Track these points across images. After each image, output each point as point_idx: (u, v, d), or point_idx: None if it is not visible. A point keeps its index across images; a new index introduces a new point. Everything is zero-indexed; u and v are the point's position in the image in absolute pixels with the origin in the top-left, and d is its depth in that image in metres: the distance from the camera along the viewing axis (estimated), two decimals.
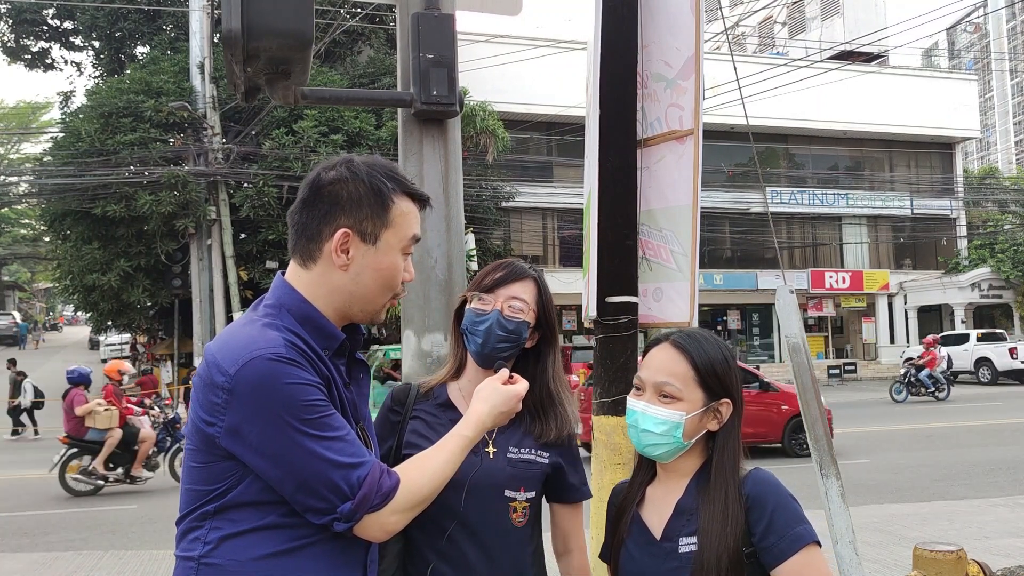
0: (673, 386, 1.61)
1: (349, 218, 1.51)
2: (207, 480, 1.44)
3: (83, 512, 9.40)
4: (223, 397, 1.39)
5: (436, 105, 3.49)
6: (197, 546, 1.44)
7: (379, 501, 1.43)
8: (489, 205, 22.78)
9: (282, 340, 1.43)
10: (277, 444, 1.38)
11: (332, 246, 1.50)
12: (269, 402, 1.37)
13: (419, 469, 1.53)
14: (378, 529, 1.45)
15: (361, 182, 1.52)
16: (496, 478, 1.81)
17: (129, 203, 19.33)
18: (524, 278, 1.89)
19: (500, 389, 1.67)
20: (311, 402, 1.40)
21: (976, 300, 30.76)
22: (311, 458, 1.38)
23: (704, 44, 2.81)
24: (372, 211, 1.52)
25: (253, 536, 1.42)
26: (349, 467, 1.40)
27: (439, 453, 1.56)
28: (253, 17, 2.94)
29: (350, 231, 1.51)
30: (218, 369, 1.40)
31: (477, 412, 1.63)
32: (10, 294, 52.67)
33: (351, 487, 1.40)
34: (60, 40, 27.08)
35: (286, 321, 1.49)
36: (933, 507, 8.24)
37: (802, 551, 1.51)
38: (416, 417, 1.91)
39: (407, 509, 1.48)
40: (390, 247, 1.53)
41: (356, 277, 1.52)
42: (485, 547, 1.78)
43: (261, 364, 1.38)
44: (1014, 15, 58.35)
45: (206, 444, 1.43)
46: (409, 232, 1.56)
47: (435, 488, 1.53)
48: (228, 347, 1.42)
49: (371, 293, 1.54)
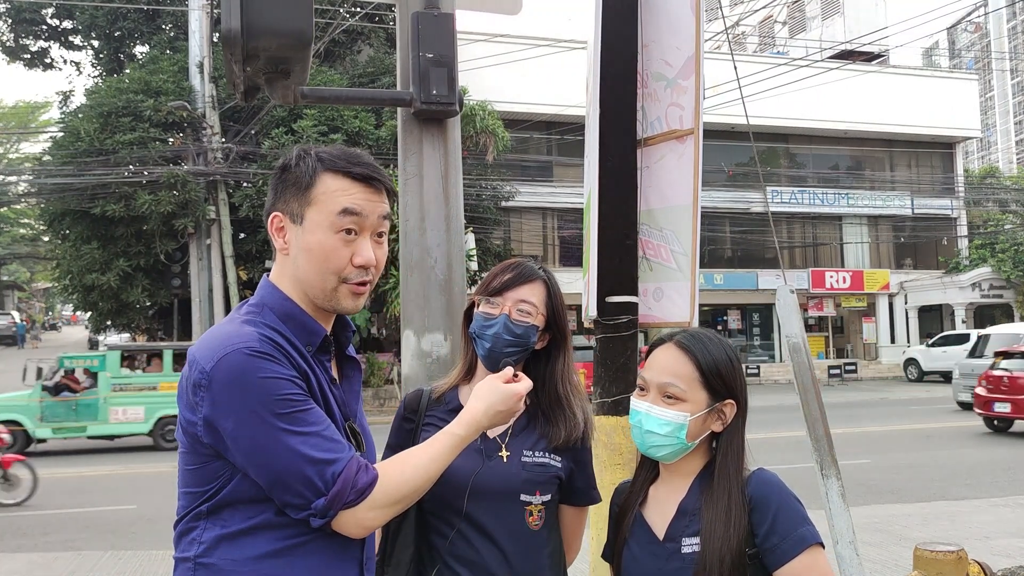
0: (677, 387, 1.60)
1: (280, 202, 1.54)
2: (199, 481, 1.45)
3: (83, 512, 9.40)
4: (200, 394, 1.40)
5: (436, 105, 3.48)
6: (193, 547, 1.44)
7: (354, 497, 1.41)
8: (489, 205, 22.78)
9: (256, 335, 1.43)
10: (251, 437, 1.38)
11: (271, 231, 1.54)
12: (243, 395, 1.38)
13: (401, 465, 1.51)
14: (355, 525, 1.44)
15: (292, 166, 1.54)
16: (511, 482, 1.79)
17: (128, 203, 19.33)
18: (533, 280, 1.88)
19: (498, 388, 1.64)
20: (285, 396, 1.40)
21: (977, 300, 30.75)
22: (285, 452, 1.38)
23: (704, 44, 2.81)
24: (296, 191, 1.52)
25: (248, 536, 1.43)
26: (323, 463, 1.39)
27: (425, 450, 1.55)
28: (253, 17, 2.94)
29: (279, 214, 1.53)
30: (196, 367, 1.41)
31: (472, 410, 1.61)
32: (9, 294, 52.67)
33: (325, 483, 1.39)
34: (59, 39, 27.07)
35: (268, 319, 1.50)
36: (933, 507, 8.24)
37: (805, 552, 1.51)
38: (429, 424, 1.89)
39: (385, 505, 1.46)
40: (316, 225, 1.50)
41: (295, 260, 1.53)
42: (502, 551, 1.77)
43: (235, 358, 1.39)
44: (1014, 15, 58.33)
45: (193, 444, 1.45)
46: (335, 207, 1.49)
47: (418, 485, 1.50)
48: (207, 345, 1.44)
49: (309, 275, 1.51)
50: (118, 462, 13.70)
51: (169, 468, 12.64)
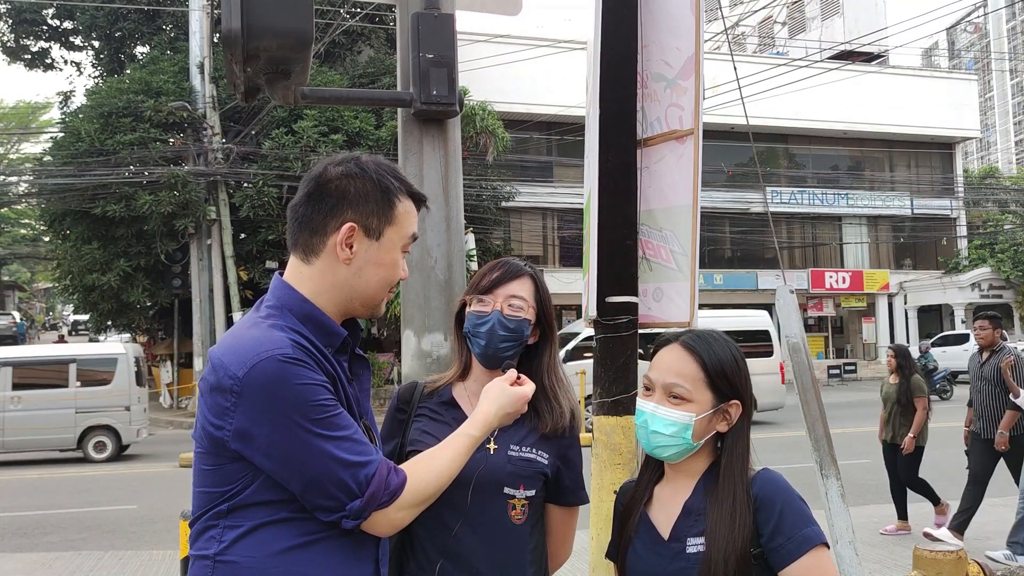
0: (683, 387, 1.60)
1: (356, 212, 1.54)
2: (219, 482, 1.46)
3: (83, 512, 9.40)
4: (232, 400, 1.40)
5: (436, 105, 3.49)
6: (212, 544, 1.45)
7: (387, 499, 1.46)
8: (489, 205, 22.78)
9: (288, 340, 1.44)
10: (287, 445, 1.39)
11: (337, 239, 1.53)
12: (278, 403, 1.39)
13: (426, 466, 1.56)
14: (386, 525, 1.49)
15: (368, 179, 1.55)
16: (496, 475, 1.81)
17: (129, 203, 19.32)
18: (521, 276, 1.91)
19: (508, 390, 1.70)
20: (319, 402, 1.42)
21: (976, 300, 30.73)
22: (321, 457, 1.40)
23: (704, 44, 2.81)
24: (378, 207, 1.55)
25: (266, 532, 1.44)
26: (358, 465, 1.43)
27: (445, 451, 1.60)
28: (253, 17, 2.94)
29: (356, 225, 1.53)
30: (225, 372, 1.41)
31: (484, 412, 1.66)
32: (10, 294, 52.62)
33: (359, 485, 1.43)
34: (60, 40, 27.05)
35: (289, 321, 1.50)
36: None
37: (810, 553, 1.51)
38: (421, 415, 1.92)
39: (413, 505, 1.51)
40: (392, 244, 1.58)
41: (358, 271, 1.55)
42: (485, 543, 1.79)
43: (269, 365, 1.39)
44: (1014, 15, 58.35)
45: (215, 447, 1.44)
46: (409, 230, 1.61)
47: (441, 485, 1.56)
48: (234, 350, 1.43)
49: (372, 288, 1.58)
50: (118, 462, 13.72)
51: (170, 468, 12.65)
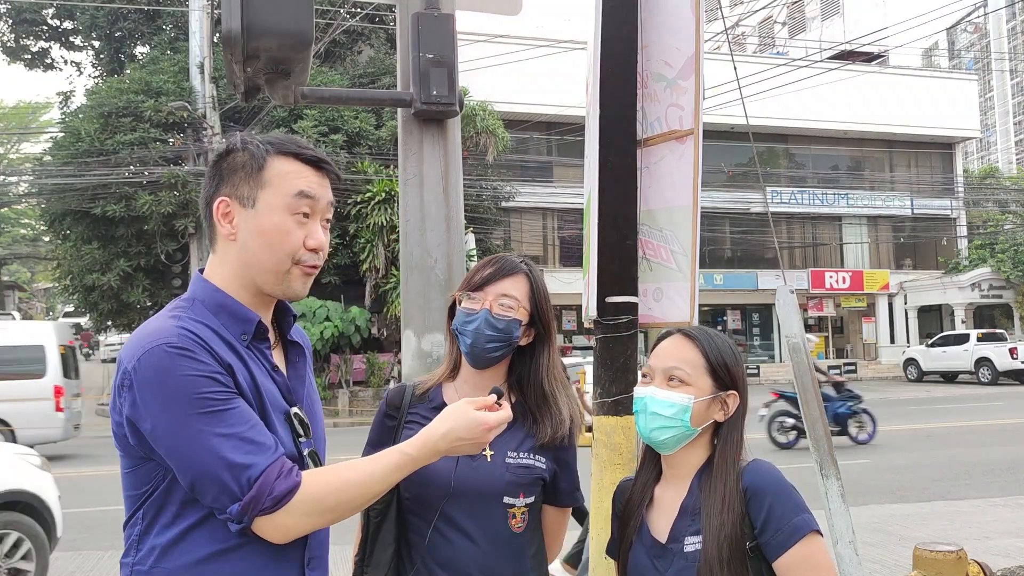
0: (683, 370, 1.62)
1: (227, 186, 1.50)
2: (137, 484, 1.45)
3: (83, 512, 9.39)
4: (125, 394, 1.38)
5: (436, 105, 3.49)
6: (131, 553, 1.44)
7: (270, 504, 1.35)
8: (489, 205, 22.78)
9: (177, 330, 1.40)
10: (170, 437, 1.36)
11: (216, 217, 1.50)
12: (161, 392, 1.35)
13: (335, 476, 1.43)
14: (274, 531, 1.38)
15: (239, 151, 1.51)
16: (494, 484, 1.76)
17: (129, 203, 19.34)
18: (515, 274, 1.83)
19: (466, 414, 1.49)
20: (205, 395, 1.36)
21: (976, 300, 30.75)
22: (202, 453, 1.34)
23: (704, 44, 2.81)
24: (246, 174, 1.49)
25: (183, 542, 1.40)
26: (240, 467, 1.35)
27: (369, 464, 1.46)
28: (253, 17, 2.94)
29: (227, 198, 1.49)
30: (122, 366, 1.40)
31: (430, 432, 1.49)
32: (10, 294, 52.62)
33: (240, 488, 1.34)
34: (60, 40, 27.07)
35: (197, 312, 1.47)
36: (933, 507, 8.25)
37: (802, 541, 1.51)
38: (411, 422, 1.84)
39: (308, 514, 1.39)
40: (270, 207, 1.48)
41: (244, 244, 1.49)
42: (484, 553, 1.74)
43: (154, 356, 1.36)
44: (1014, 15, 58.34)
45: (123, 446, 1.44)
46: (291, 189, 1.48)
47: (351, 498, 1.42)
48: (130, 344, 1.42)
49: (262, 259, 1.48)
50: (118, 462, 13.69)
51: None
